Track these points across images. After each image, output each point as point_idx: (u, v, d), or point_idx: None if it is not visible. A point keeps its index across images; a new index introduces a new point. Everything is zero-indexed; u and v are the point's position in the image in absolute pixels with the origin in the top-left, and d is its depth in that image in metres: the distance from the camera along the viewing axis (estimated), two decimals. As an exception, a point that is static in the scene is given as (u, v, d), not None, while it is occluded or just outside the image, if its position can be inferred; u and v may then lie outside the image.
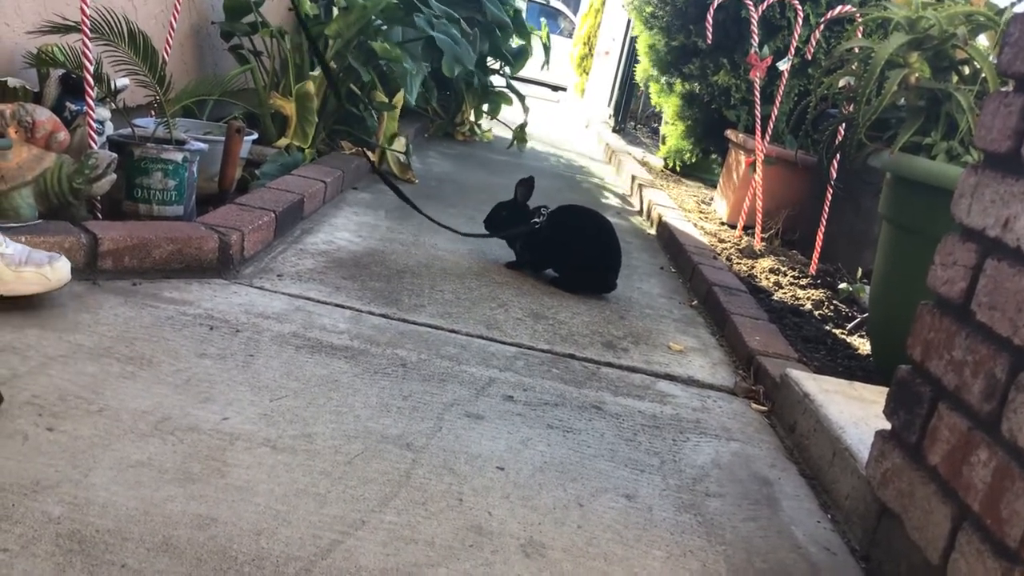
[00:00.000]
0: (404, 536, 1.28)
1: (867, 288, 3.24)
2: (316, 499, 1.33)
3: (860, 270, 3.61)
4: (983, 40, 2.29)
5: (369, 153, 4.05)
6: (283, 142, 3.50)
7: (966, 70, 2.28)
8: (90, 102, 2.26)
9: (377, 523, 1.30)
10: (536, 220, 2.88)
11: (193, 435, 1.43)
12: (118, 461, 1.31)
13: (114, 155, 2.21)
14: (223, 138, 2.81)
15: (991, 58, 2.13)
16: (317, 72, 3.67)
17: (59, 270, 1.76)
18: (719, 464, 1.78)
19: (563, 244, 2.85)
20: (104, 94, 2.39)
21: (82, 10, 2.18)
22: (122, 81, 2.48)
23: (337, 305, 2.21)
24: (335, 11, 3.76)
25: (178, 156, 2.42)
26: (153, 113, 2.81)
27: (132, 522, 1.17)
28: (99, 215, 2.32)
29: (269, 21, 3.69)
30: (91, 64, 2.25)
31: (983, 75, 2.15)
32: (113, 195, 2.34)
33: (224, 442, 1.43)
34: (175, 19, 3.02)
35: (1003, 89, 1.35)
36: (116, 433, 1.39)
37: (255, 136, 3.18)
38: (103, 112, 2.42)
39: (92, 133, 2.25)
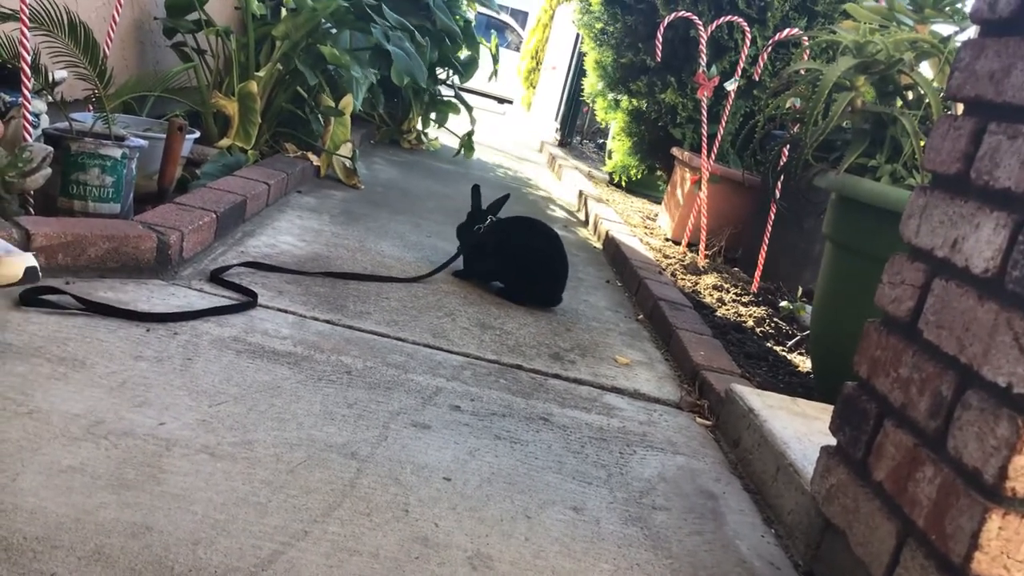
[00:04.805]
0: (348, 547, 1.25)
1: (807, 307, 3.30)
2: (257, 508, 1.28)
3: (800, 289, 3.67)
4: (926, 67, 2.35)
5: (313, 157, 3.99)
6: (225, 142, 3.43)
7: (910, 95, 2.33)
8: (26, 93, 2.17)
9: (320, 534, 1.26)
10: (479, 226, 2.86)
11: (128, 440, 1.38)
12: (48, 466, 1.25)
13: (50, 149, 2.13)
14: (164, 135, 2.73)
15: (935, 84, 2.18)
16: (262, 72, 3.60)
17: (10, 265, 1.67)
18: (665, 477, 1.77)
19: (511, 255, 2.84)
20: (41, 86, 2.31)
21: (20, -3, 2.10)
22: (60, 74, 2.39)
23: (280, 310, 2.16)
24: (283, 12, 3.70)
25: (116, 152, 2.34)
26: (91, 108, 2.73)
27: (62, 529, 1.11)
28: (31, 210, 2.23)
29: (214, 19, 3.62)
30: (28, 54, 2.17)
31: (927, 101, 2.21)
32: (47, 191, 2.25)
33: (160, 448, 1.38)
34: (117, 12, 2.94)
35: (950, 113, 1.37)
36: (46, 436, 1.32)
37: (197, 135, 3.10)
38: (39, 104, 2.33)
39: (27, 126, 2.17)
